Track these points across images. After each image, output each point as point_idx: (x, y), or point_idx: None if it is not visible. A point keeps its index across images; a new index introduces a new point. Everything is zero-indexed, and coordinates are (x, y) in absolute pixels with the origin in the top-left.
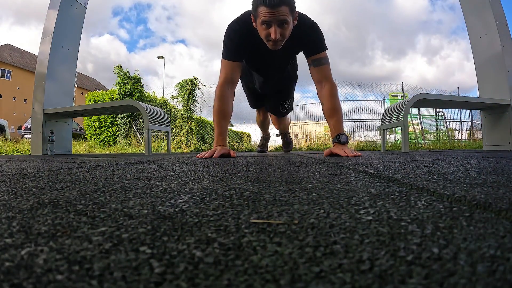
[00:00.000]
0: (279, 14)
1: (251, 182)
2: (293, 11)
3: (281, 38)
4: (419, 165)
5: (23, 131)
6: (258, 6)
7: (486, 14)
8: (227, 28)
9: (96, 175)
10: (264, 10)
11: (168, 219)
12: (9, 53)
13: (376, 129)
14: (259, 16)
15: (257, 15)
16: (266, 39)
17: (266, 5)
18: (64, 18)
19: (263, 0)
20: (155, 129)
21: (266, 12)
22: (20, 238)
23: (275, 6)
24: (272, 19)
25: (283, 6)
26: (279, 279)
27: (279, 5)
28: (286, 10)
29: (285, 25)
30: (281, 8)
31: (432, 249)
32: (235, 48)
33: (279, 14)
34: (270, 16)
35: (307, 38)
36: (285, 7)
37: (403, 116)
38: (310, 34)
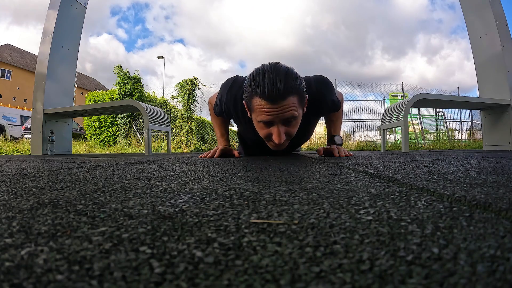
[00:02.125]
0: (284, 110)
1: (251, 182)
2: (303, 99)
3: (287, 138)
4: (419, 165)
5: (23, 131)
6: (253, 96)
7: (486, 14)
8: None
9: (96, 175)
10: (263, 104)
11: (168, 219)
12: (9, 53)
13: (376, 129)
14: (255, 112)
15: (252, 108)
16: (267, 139)
17: (265, 98)
18: (64, 18)
19: (260, 89)
20: (155, 129)
21: (266, 109)
22: (20, 238)
23: (278, 99)
24: (275, 118)
25: (290, 97)
26: (279, 279)
27: (284, 96)
28: (293, 102)
29: (292, 121)
30: (287, 101)
31: (432, 249)
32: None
33: (284, 110)
34: (271, 114)
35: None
36: (292, 97)
37: (403, 116)
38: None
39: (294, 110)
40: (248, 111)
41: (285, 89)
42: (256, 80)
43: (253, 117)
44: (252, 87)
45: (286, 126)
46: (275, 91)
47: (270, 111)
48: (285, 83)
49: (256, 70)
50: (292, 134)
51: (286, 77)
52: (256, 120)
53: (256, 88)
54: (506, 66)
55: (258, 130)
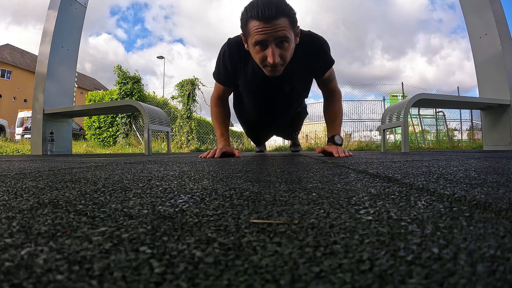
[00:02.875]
0: (277, 29)
1: (251, 182)
2: (294, 24)
3: (281, 61)
4: (419, 165)
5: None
6: (249, 20)
7: (486, 14)
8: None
9: (96, 175)
10: (257, 25)
11: (168, 219)
12: (9, 53)
13: (376, 129)
14: (251, 35)
15: (248, 33)
16: (262, 64)
17: (258, 19)
18: (64, 18)
19: (255, 12)
20: (155, 129)
21: (260, 29)
22: (20, 238)
23: (270, 18)
24: (268, 37)
25: (281, 18)
26: (279, 279)
27: (276, 17)
28: (285, 23)
29: (285, 44)
30: (279, 21)
31: (432, 249)
32: (226, 73)
33: (277, 30)
34: (265, 32)
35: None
36: (284, 19)
37: (403, 116)
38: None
39: (286, 30)
40: (245, 42)
41: (276, 10)
42: (251, 6)
43: (249, 43)
44: (247, 12)
45: (279, 48)
46: (267, 11)
47: (263, 30)
48: (277, 5)
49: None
50: (285, 57)
51: (277, 1)
52: (252, 44)
53: (251, 12)
54: (506, 66)
55: (254, 55)
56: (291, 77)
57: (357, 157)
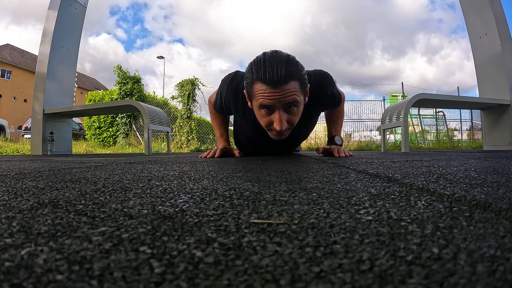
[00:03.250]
0: (286, 94)
1: (251, 182)
2: (305, 86)
3: (288, 126)
4: (419, 165)
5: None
6: (254, 82)
7: (486, 14)
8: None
9: (96, 175)
10: (263, 89)
11: (168, 219)
12: (9, 53)
13: (376, 129)
14: (256, 97)
15: (253, 94)
16: (267, 127)
17: (266, 82)
18: (64, 18)
19: (261, 74)
20: (155, 129)
21: (267, 93)
22: (20, 238)
23: (279, 83)
24: (276, 103)
25: (291, 82)
26: (279, 279)
27: (286, 81)
28: (295, 87)
29: (293, 108)
30: (289, 86)
31: (432, 249)
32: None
33: (286, 95)
34: (272, 98)
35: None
36: (293, 82)
37: (403, 116)
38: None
39: (295, 95)
40: (248, 100)
41: (286, 73)
42: (257, 66)
43: (254, 105)
44: (253, 73)
45: (287, 113)
46: (276, 75)
47: (271, 95)
48: (286, 68)
49: (257, 58)
50: (294, 122)
51: (287, 62)
52: (256, 107)
53: (257, 74)
54: (506, 66)
55: (259, 118)
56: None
57: (357, 157)
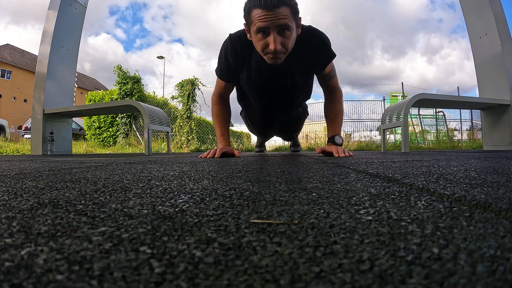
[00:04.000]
0: (279, 17)
1: (251, 182)
2: (296, 14)
3: (282, 48)
4: (419, 165)
5: (23, 131)
6: (251, 9)
7: (486, 14)
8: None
9: (96, 175)
10: (259, 13)
11: (168, 219)
12: (9, 53)
13: (376, 129)
14: (253, 23)
15: (251, 21)
16: (264, 51)
17: (261, 7)
18: (64, 18)
19: (257, 1)
20: (155, 129)
21: (262, 16)
22: (20, 238)
23: (272, 7)
24: (270, 24)
25: (283, 7)
26: (279, 279)
27: (278, 5)
28: (287, 12)
29: (286, 32)
30: (281, 10)
31: (432, 249)
32: (227, 68)
33: (279, 17)
34: (266, 20)
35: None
36: (285, 8)
37: (403, 116)
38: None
39: (287, 19)
40: (247, 32)
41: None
42: None
43: (251, 31)
44: (250, 1)
45: (281, 36)
46: (270, 0)
47: (265, 18)
48: None
49: None
50: (287, 45)
51: None
52: (254, 32)
53: (253, 1)
54: (506, 66)
55: (256, 43)
56: (293, 69)
57: (357, 157)
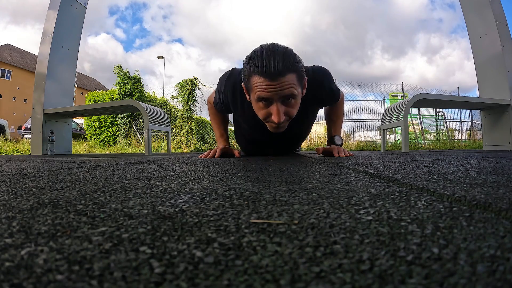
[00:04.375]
0: (283, 87)
1: (251, 182)
2: (302, 78)
3: (286, 118)
4: (419, 165)
5: (23, 131)
6: (252, 75)
7: (486, 14)
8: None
9: (96, 175)
10: (261, 82)
11: (168, 219)
12: (9, 53)
13: (376, 129)
14: (254, 90)
15: (251, 87)
16: (265, 120)
17: (263, 75)
18: (64, 18)
19: (258, 67)
20: (155, 129)
21: (264, 86)
22: (20, 238)
23: (276, 76)
24: (273, 95)
25: (288, 75)
26: (279, 279)
27: (283, 74)
28: (292, 80)
29: (291, 101)
30: (286, 78)
31: (432, 249)
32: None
33: (283, 87)
34: (269, 91)
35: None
36: (291, 75)
37: (403, 116)
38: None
39: (293, 88)
40: (246, 94)
41: (283, 66)
42: (254, 59)
43: (251, 98)
44: (250, 66)
45: (285, 105)
46: (273, 68)
47: (268, 88)
48: (284, 60)
49: (254, 50)
50: (292, 114)
51: (284, 55)
52: (254, 99)
53: (254, 67)
54: (506, 66)
55: (257, 111)
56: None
57: (357, 157)
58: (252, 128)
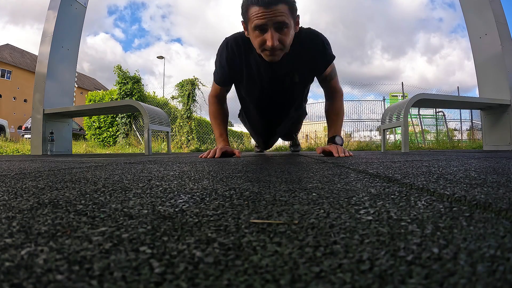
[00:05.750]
0: (276, 14)
1: (251, 182)
2: (294, 12)
3: (280, 45)
4: (419, 165)
5: (23, 131)
6: (249, 7)
7: (486, 14)
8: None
9: (96, 175)
10: (257, 10)
11: (168, 219)
12: (9, 53)
13: (376, 129)
14: (251, 20)
15: (248, 18)
16: (261, 48)
17: (258, 4)
18: (64, 18)
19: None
20: (155, 129)
21: (259, 13)
22: (20, 238)
23: (270, 4)
24: (267, 21)
25: (280, 4)
26: (279, 279)
27: (276, 2)
28: (284, 10)
29: (284, 29)
30: (278, 7)
31: (432, 249)
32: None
33: (276, 14)
34: (264, 17)
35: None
36: (283, 5)
37: (403, 116)
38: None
39: (285, 16)
40: (245, 30)
41: None
42: None
43: (249, 29)
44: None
45: (278, 32)
46: None
47: (263, 15)
48: None
49: None
50: (284, 42)
51: None
52: (251, 29)
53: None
54: (506, 66)
55: (253, 40)
56: (292, 69)
57: (357, 157)
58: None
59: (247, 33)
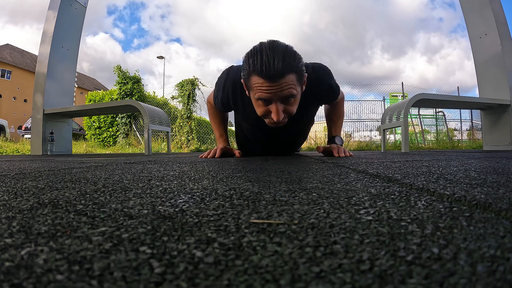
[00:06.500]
0: (283, 88)
1: (251, 182)
2: (302, 77)
3: (285, 115)
4: (419, 165)
5: (23, 131)
6: (251, 74)
7: (486, 13)
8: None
9: (96, 175)
10: (260, 82)
11: (168, 219)
12: (9, 53)
13: (376, 129)
14: (253, 90)
15: (251, 86)
16: (265, 117)
17: (262, 76)
18: (64, 18)
19: (258, 68)
20: (155, 129)
21: (264, 87)
22: (20, 238)
23: (276, 78)
24: (273, 96)
25: (288, 75)
26: (279, 279)
27: (283, 75)
28: (292, 80)
29: (291, 100)
30: (286, 79)
31: (432, 249)
32: (221, 103)
33: (283, 89)
34: (269, 92)
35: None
36: (291, 75)
37: (403, 116)
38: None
39: (292, 88)
40: (246, 90)
41: (283, 67)
42: (253, 58)
43: (251, 95)
44: (249, 66)
45: (284, 104)
46: (273, 69)
47: (268, 89)
48: (283, 61)
49: (253, 48)
50: (291, 112)
51: (284, 55)
52: (254, 98)
53: (254, 67)
54: (506, 66)
55: (257, 108)
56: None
57: (357, 157)
58: (252, 126)
59: (248, 93)
